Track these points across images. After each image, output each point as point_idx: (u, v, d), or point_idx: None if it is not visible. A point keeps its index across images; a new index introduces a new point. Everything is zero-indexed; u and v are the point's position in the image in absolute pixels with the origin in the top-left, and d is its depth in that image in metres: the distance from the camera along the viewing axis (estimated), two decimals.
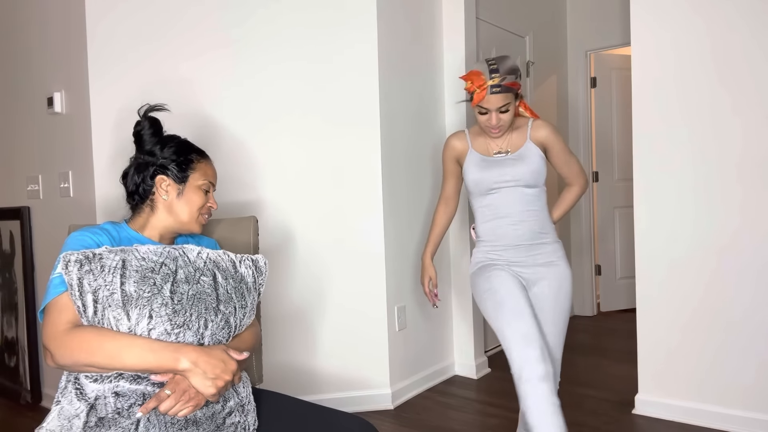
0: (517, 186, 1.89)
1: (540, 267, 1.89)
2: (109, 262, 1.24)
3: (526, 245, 1.89)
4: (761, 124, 2.32)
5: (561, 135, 1.96)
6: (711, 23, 2.40)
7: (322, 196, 2.71)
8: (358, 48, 2.72)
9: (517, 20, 3.87)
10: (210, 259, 1.37)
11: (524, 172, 1.88)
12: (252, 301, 1.43)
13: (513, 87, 1.82)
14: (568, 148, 1.97)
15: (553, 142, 1.92)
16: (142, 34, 2.51)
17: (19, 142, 2.99)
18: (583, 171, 2.02)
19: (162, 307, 1.24)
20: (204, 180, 1.51)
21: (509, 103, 1.82)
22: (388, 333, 2.79)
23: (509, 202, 1.90)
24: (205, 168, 1.53)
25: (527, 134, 1.92)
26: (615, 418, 2.58)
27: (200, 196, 1.50)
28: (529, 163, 1.88)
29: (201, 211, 1.50)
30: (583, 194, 2.08)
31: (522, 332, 1.68)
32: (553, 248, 1.91)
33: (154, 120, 1.51)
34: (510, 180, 1.89)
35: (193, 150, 1.53)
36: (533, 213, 1.90)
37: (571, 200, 2.06)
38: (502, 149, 1.93)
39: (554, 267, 1.89)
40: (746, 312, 2.37)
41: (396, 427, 2.57)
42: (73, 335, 1.21)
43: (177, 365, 1.21)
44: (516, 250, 1.90)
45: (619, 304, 4.59)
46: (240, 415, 1.33)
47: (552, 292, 1.87)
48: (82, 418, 1.19)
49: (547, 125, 1.93)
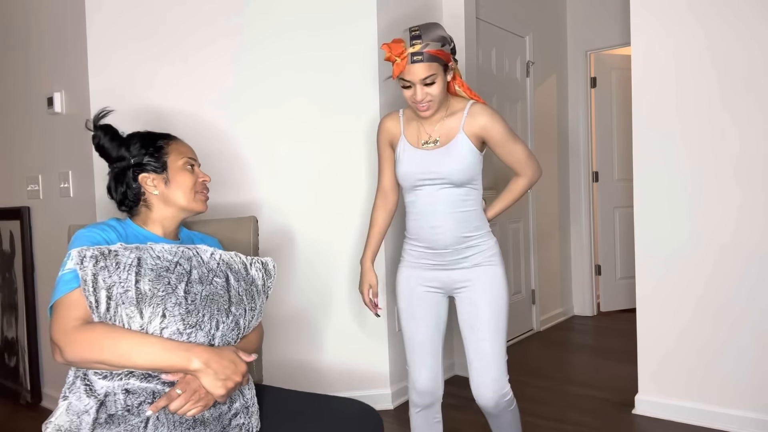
0: (441, 184, 1.69)
1: (466, 270, 1.73)
2: (125, 259, 1.25)
3: (451, 250, 1.72)
4: (760, 124, 2.32)
5: (502, 119, 1.70)
6: (710, 23, 2.40)
7: (322, 195, 2.71)
8: (358, 49, 2.72)
9: (517, 20, 3.87)
10: (223, 260, 1.38)
11: (450, 169, 1.66)
12: (261, 304, 1.44)
13: (438, 55, 1.59)
14: (512, 134, 1.71)
15: (492, 131, 1.68)
16: (142, 34, 2.51)
17: (19, 142, 2.99)
18: (531, 158, 1.77)
19: (176, 306, 1.24)
20: (183, 158, 1.49)
21: (435, 74, 1.60)
22: (388, 333, 2.79)
23: (432, 202, 1.71)
24: (178, 147, 1.51)
25: (461, 123, 1.68)
26: (615, 418, 2.58)
27: (187, 175, 1.48)
28: (456, 159, 1.66)
29: (195, 189, 1.49)
30: (532, 184, 1.81)
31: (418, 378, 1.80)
32: (481, 249, 1.74)
33: (106, 127, 1.47)
34: (435, 178, 1.68)
35: (159, 136, 1.50)
36: (459, 216, 1.71)
37: (516, 192, 1.83)
38: (431, 138, 1.71)
39: (482, 268, 1.73)
40: (746, 311, 2.37)
41: (396, 427, 2.57)
42: (84, 331, 1.20)
43: (189, 365, 1.22)
44: (438, 256, 1.74)
45: (619, 304, 4.59)
46: (245, 416, 1.34)
47: (481, 295, 1.71)
48: (92, 415, 1.19)
49: (484, 111, 1.68)
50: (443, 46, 1.61)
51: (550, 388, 2.97)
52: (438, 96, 1.64)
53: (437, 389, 1.81)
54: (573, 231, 4.55)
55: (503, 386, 1.71)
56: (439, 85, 1.62)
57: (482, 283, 1.72)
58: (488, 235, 1.78)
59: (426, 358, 1.78)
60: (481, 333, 1.71)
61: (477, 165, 1.71)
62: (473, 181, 1.72)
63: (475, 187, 1.74)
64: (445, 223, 1.70)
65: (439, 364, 1.81)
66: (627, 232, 4.50)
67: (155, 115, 2.50)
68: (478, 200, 1.75)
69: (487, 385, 1.69)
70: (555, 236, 4.37)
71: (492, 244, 1.78)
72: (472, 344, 1.73)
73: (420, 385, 1.79)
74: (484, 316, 1.71)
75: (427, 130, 1.72)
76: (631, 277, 4.42)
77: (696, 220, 2.47)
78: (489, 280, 1.73)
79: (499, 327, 1.72)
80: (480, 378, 1.71)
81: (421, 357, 1.79)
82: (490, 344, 1.70)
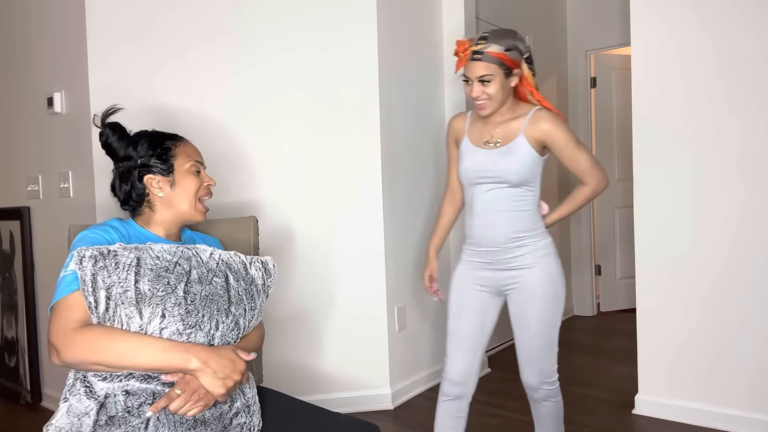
0: (497, 183, 1.74)
1: (515, 271, 1.76)
2: (124, 259, 1.24)
3: (501, 249, 1.76)
4: (761, 124, 2.32)
5: (565, 127, 1.73)
6: (711, 23, 2.40)
7: (322, 196, 2.71)
8: (358, 49, 2.72)
9: (517, 20, 3.87)
10: (222, 260, 1.38)
11: (506, 169, 1.71)
12: (261, 303, 1.43)
13: (499, 58, 1.66)
14: (575, 142, 1.74)
15: (554, 138, 1.71)
16: (141, 33, 2.51)
17: (19, 142, 2.99)
18: (595, 167, 1.77)
19: (175, 306, 1.24)
20: (190, 161, 1.47)
21: (492, 74, 1.67)
22: (388, 333, 2.79)
23: (486, 200, 1.76)
24: (186, 150, 1.49)
25: (523, 127, 1.73)
26: (615, 418, 2.58)
27: (192, 179, 1.47)
28: (513, 161, 1.71)
29: (199, 193, 1.48)
30: (597, 193, 1.81)
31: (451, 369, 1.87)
32: (531, 250, 1.75)
33: (115, 125, 1.46)
34: (491, 176, 1.74)
35: (167, 137, 1.48)
36: (512, 215, 1.74)
37: (578, 201, 1.82)
38: (493, 139, 1.76)
39: (531, 269, 1.75)
40: (746, 311, 2.37)
41: (396, 427, 2.57)
42: (82, 333, 1.20)
43: (187, 365, 1.21)
44: (489, 254, 1.79)
45: (619, 304, 4.59)
46: (246, 415, 1.34)
47: (529, 296, 1.75)
48: (92, 417, 1.19)
49: (547, 118, 1.72)
50: (508, 51, 1.68)
51: None
52: (494, 96, 1.70)
53: (468, 384, 1.85)
54: (573, 231, 4.55)
55: (549, 376, 1.81)
56: (495, 85, 1.69)
57: (531, 284, 1.75)
58: (541, 236, 1.79)
59: (462, 352, 1.84)
60: (528, 332, 1.77)
61: (534, 167, 1.74)
62: (529, 183, 1.75)
63: (532, 188, 1.76)
64: (497, 221, 1.75)
65: (476, 362, 1.86)
66: (627, 232, 4.50)
67: (155, 114, 2.50)
68: (533, 202, 1.78)
69: (532, 374, 1.80)
70: (555, 236, 4.36)
71: (544, 244, 1.78)
72: (520, 342, 1.80)
73: (452, 375, 1.85)
74: (531, 316, 1.76)
75: (490, 130, 1.78)
76: (631, 277, 4.41)
77: (696, 220, 2.47)
78: (538, 281, 1.75)
79: (547, 326, 1.77)
80: (526, 368, 1.82)
81: (457, 350, 1.85)
82: (537, 342, 1.77)
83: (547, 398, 1.84)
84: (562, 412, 1.90)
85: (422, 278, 2.01)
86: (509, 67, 1.70)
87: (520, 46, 1.71)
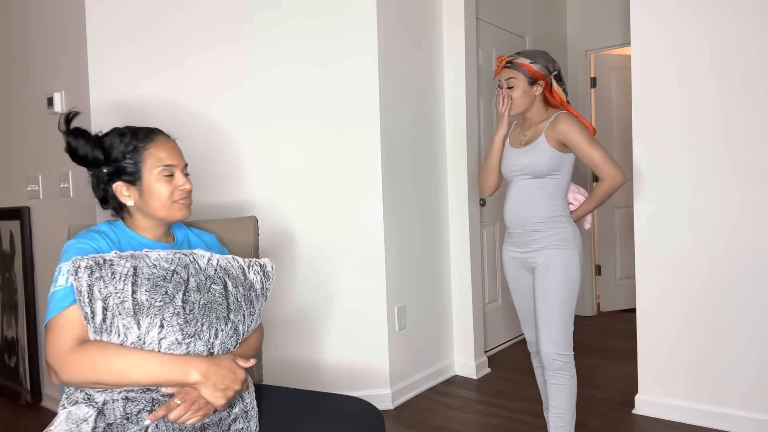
0: (523, 175, 2.05)
1: (535, 252, 2.04)
2: (120, 268, 1.22)
3: (524, 231, 2.07)
4: (761, 124, 2.32)
5: (579, 128, 1.97)
6: (710, 23, 2.40)
7: (322, 195, 2.71)
8: (359, 47, 2.72)
9: (517, 20, 3.87)
10: (220, 266, 1.36)
11: (529, 163, 2.02)
12: (260, 307, 1.42)
13: (523, 67, 2.02)
14: (588, 141, 1.96)
15: (568, 137, 1.97)
16: (142, 34, 2.51)
17: (19, 142, 2.99)
18: (608, 164, 1.98)
19: (174, 316, 1.22)
20: (159, 166, 1.37)
21: (515, 79, 2.04)
22: (388, 333, 2.79)
23: (515, 189, 2.09)
24: (156, 152, 1.38)
25: (545, 128, 2.02)
26: (615, 418, 2.58)
27: (163, 184, 1.37)
28: (535, 156, 2.01)
29: (173, 198, 1.39)
30: (613, 188, 2.01)
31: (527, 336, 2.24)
32: (547, 235, 2.01)
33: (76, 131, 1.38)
34: (518, 170, 2.06)
35: (136, 138, 1.38)
36: (537, 203, 2.02)
37: (597, 195, 2.04)
38: (525, 140, 2.08)
39: (548, 251, 2.00)
40: (746, 312, 2.37)
41: (396, 427, 2.57)
42: (78, 354, 1.18)
43: (187, 378, 1.20)
44: (513, 236, 2.13)
45: (619, 304, 4.59)
46: (244, 421, 1.33)
47: (546, 275, 1.99)
48: (91, 423, 1.18)
49: (564, 120, 1.99)
50: (533, 63, 2.03)
51: None
52: (517, 100, 2.06)
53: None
54: None
55: (563, 348, 1.98)
56: (518, 90, 2.05)
57: (548, 265, 2.00)
58: (562, 224, 2.02)
59: (527, 323, 2.19)
60: (545, 305, 1.99)
61: (553, 162, 2.00)
62: (549, 175, 2.01)
63: (555, 179, 2.02)
64: (524, 207, 2.05)
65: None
66: (627, 232, 4.50)
67: (155, 114, 2.50)
68: (557, 192, 2.04)
69: (545, 343, 1.99)
70: None
71: (564, 231, 2.01)
72: (538, 314, 2.01)
73: (528, 338, 2.22)
74: (548, 292, 1.99)
75: (525, 132, 2.12)
76: (631, 277, 4.41)
77: (696, 219, 2.47)
78: (554, 263, 1.99)
79: (561, 303, 1.98)
80: (542, 338, 2.01)
81: (523, 319, 2.20)
82: (551, 315, 1.98)
83: (561, 370, 1.99)
84: (575, 393, 2.01)
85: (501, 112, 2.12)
86: (533, 76, 2.04)
87: (549, 65, 2.06)
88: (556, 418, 2.00)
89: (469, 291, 3.18)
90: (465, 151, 3.15)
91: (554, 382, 2.00)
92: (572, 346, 2.01)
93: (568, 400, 2.00)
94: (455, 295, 3.24)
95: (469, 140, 3.17)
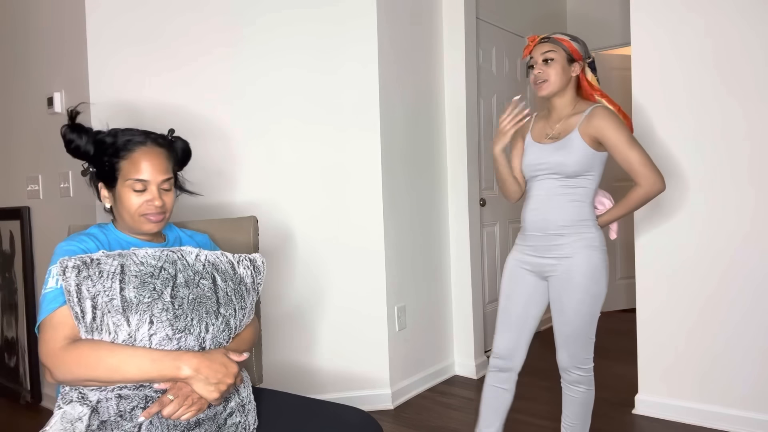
0: (550, 174, 1.84)
1: (554, 259, 1.84)
2: (108, 267, 1.23)
3: (545, 235, 1.86)
4: (763, 124, 2.32)
5: (619, 125, 1.76)
6: (711, 21, 2.40)
7: (323, 195, 2.71)
8: (359, 47, 2.72)
9: (517, 20, 3.87)
10: (209, 261, 1.36)
11: (560, 162, 1.80)
12: (251, 301, 1.42)
13: (562, 42, 1.82)
14: (628, 141, 1.76)
15: (606, 134, 1.76)
16: (142, 34, 2.51)
17: (19, 142, 2.99)
18: (647, 168, 1.77)
19: (163, 312, 1.23)
20: (129, 178, 1.35)
21: (554, 52, 1.81)
22: (388, 333, 2.79)
23: (540, 187, 1.88)
24: (132, 164, 1.36)
25: (579, 122, 1.80)
26: (615, 418, 2.58)
27: (133, 196, 1.36)
28: (566, 154, 1.79)
29: (140, 212, 1.37)
30: (650, 195, 1.80)
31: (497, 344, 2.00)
32: (572, 240, 1.81)
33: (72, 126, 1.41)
34: (546, 169, 1.85)
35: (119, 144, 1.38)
36: (562, 205, 1.82)
37: (631, 201, 1.83)
38: (553, 133, 1.86)
39: (570, 260, 1.81)
40: (747, 311, 2.37)
41: (396, 427, 2.57)
42: (70, 351, 1.19)
43: (179, 373, 1.21)
44: (532, 239, 1.90)
45: (619, 304, 4.59)
46: (241, 415, 1.33)
47: (566, 284, 1.81)
48: (85, 422, 1.19)
49: (602, 115, 1.77)
50: (573, 41, 1.84)
51: (550, 388, 2.96)
52: (553, 78, 1.82)
53: (513, 359, 1.97)
54: None
55: (582, 362, 1.87)
56: (556, 67, 1.81)
57: (569, 272, 1.81)
58: (588, 228, 1.84)
59: (508, 330, 1.96)
60: (562, 318, 1.84)
61: (586, 162, 1.80)
62: (581, 176, 1.81)
63: (586, 181, 1.83)
64: (547, 209, 1.85)
65: (521, 340, 1.96)
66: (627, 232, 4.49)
67: (155, 115, 2.50)
68: (586, 195, 1.84)
69: (564, 357, 1.87)
70: None
71: (589, 237, 1.83)
72: (555, 325, 1.87)
73: (497, 350, 1.98)
74: (567, 303, 1.82)
75: (552, 125, 1.89)
76: (631, 277, 4.41)
77: (696, 220, 2.47)
78: (577, 271, 1.80)
79: (581, 316, 1.82)
80: (559, 349, 1.89)
81: (504, 327, 1.97)
82: (569, 329, 1.84)
83: (578, 383, 1.90)
84: (591, 404, 1.93)
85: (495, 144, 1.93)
86: (571, 54, 1.83)
87: (585, 48, 1.87)
88: (568, 426, 1.94)
89: (469, 291, 3.18)
90: (465, 151, 3.15)
91: (569, 393, 1.92)
92: (592, 358, 1.88)
93: (582, 410, 1.91)
94: (455, 295, 3.24)
95: (469, 140, 3.17)
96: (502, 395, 2.01)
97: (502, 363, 1.98)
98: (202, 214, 2.52)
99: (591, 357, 1.88)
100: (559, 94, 1.86)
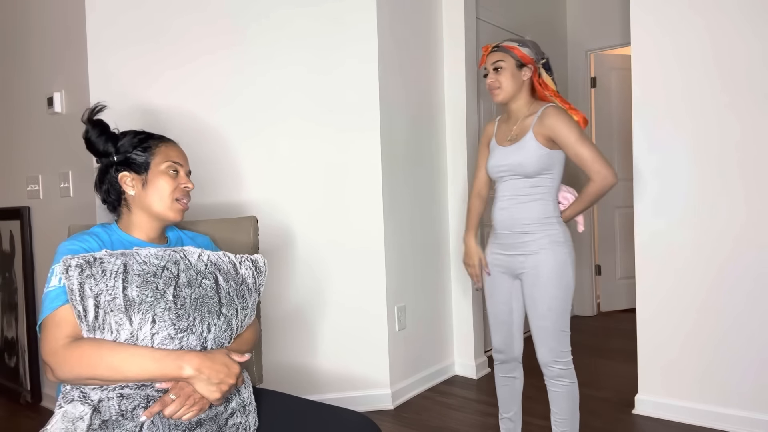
0: (512, 175, 1.93)
1: (523, 257, 1.93)
2: (110, 266, 1.23)
3: (512, 233, 1.95)
4: (762, 124, 2.32)
5: (569, 123, 1.82)
6: (711, 21, 2.40)
7: (322, 195, 2.71)
8: (359, 48, 2.72)
9: (517, 20, 3.87)
10: (211, 261, 1.37)
11: (519, 162, 1.89)
12: (253, 302, 1.43)
13: (510, 50, 1.91)
14: (578, 137, 1.81)
15: (557, 133, 1.82)
16: (142, 34, 2.51)
17: (19, 142, 2.99)
18: (598, 163, 1.82)
19: (165, 311, 1.23)
20: (167, 162, 1.45)
21: (503, 61, 1.91)
22: (388, 333, 2.79)
23: (504, 189, 1.97)
24: (167, 151, 1.47)
25: (532, 123, 1.88)
26: (615, 418, 2.58)
27: (168, 179, 1.44)
28: (524, 155, 1.88)
29: (174, 195, 1.44)
30: (603, 189, 1.85)
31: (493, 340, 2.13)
32: (538, 237, 1.89)
33: (97, 122, 1.46)
34: (508, 170, 1.94)
35: (150, 137, 1.48)
36: (526, 204, 1.91)
37: (587, 196, 1.89)
38: (512, 137, 1.95)
39: (538, 256, 1.88)
40: (746, 311, 2.37)
41: (396, 427, 2.57)
42: (72, 350, 1.20)
43: (181, 373, 1.21)
44: (501, 237, 2.00)
45: (619, 304, 4.59)
46: (241, 415, 1.34)
47: (536, 281, 1.89)
48: (86, 421, 1.19)
49: (553, 114, 1.84)
50: (522, 46, 1.92)
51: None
52: (505, 85, 1.92)
53: (511, 350, 2.09)
54: (573, 231, 4.55)
55: (561, 356, 1.92)
56: (506, 74, 1.91)
57: (538, 268, 1.89)
58: (553, 225, 1.90)
59: (499, 327, 2.08)
60: (536, 313, 1.91)
61: (544, 161, 1.87)
62: (540, 175, 1.89)
63: (547, 179, 1.90)
64: (513, 208, 1.94)
65: (514, 332, 2.07)
66: (627, 232, 4.50)
67: (155, 115, 2.50)
68: (549, 192, 1.92)
69: (542, 352, 1.93)
70: None
71: (554, 233, 1.89)
72: (531, 321, 1.94)
73: (494, 344, 2.12)
74: (538, 299, 1.89)
75: (511, 128, 1.98)
76: (631, 277, 4.42)
77: (696, 220, 2.47)
78: (545, 266, 1.88)
79: (553, 310, 1.89)
80: (538, 346, 1.95)
81: (494, 325, 2.09)
82: (544, 323, 1.90)
83: (561, 377, 1.94)
84: (576, 397, 1.97)
85: (466, 265, 2.14)
86: (520, 59, 1.91)
87: (536, 50, 1.95)
88: (557, 423, 1.97)
89: (469, 291, 3.18)
90: (465, 151, 3.15)
91: (553, 389, 1.96)
92: (570, 351, 1.93)
93: (569, 405, 1.95)
94: (455, 295, 3.24)
95: (469, 140, 3.17)
96: (512, 383, 2.15)
97: (503, 356, 2.11)
98: (202, 214, 2.52)
99: (569, 350, 1.94)
100: (513, 98, 1.95)
